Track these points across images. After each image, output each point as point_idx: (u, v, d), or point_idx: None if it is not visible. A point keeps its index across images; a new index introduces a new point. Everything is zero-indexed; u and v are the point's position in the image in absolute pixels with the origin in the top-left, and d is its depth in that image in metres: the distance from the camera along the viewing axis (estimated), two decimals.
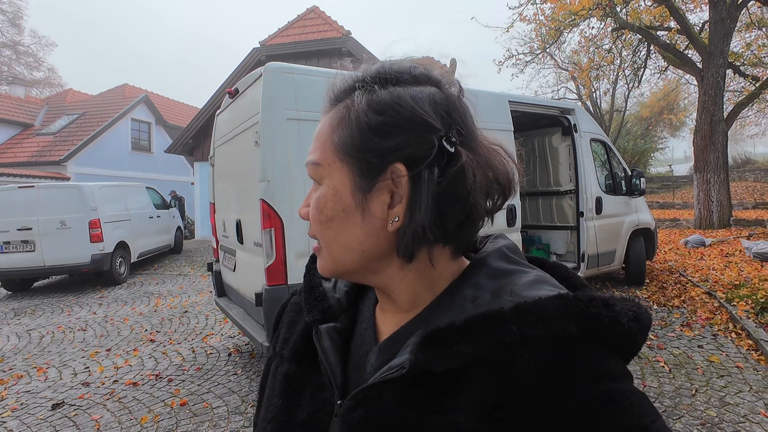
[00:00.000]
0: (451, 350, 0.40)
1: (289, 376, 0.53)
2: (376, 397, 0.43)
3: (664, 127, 24.09)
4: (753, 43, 11.68)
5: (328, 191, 0.46)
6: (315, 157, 0.47)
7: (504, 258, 0.48)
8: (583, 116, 5.38)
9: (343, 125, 0.45)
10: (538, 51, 14.07)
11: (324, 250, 0.48)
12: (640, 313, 0.42)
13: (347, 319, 0.54)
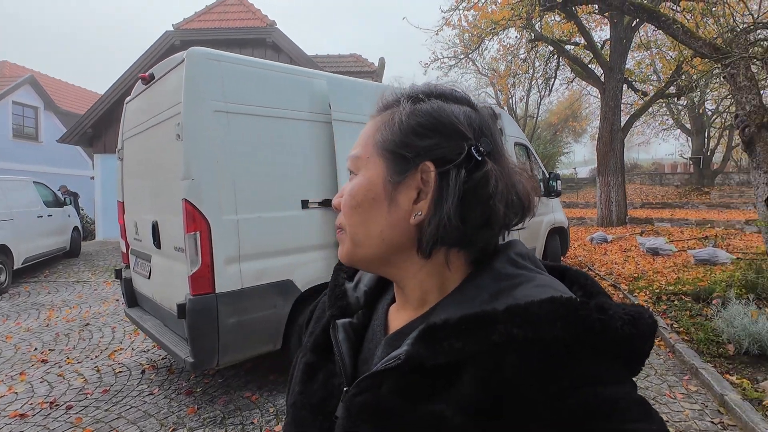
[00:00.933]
0: (443, 345, 0.42)
1: (308, 364, 0.58)
2: (376, 386, 0.46)
3: (569, 133, 26.55)
4: (642, 62, 13.24)
5: (362, 180, 0.51)
6: (357, 151, 0.53)
7: (511, 262, 0.50)
8: (508, 120, 5.64)
9: (386, 126, 0.52)
10: (461, 56, 14.65)
11: (347, 236, 0.52)
12: (638, 318, 0.42)
13: (363, 317, 0.58)
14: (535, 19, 10.25)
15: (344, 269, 0.65)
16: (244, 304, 2.82)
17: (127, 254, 3.92)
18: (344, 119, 3.31)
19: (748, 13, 6.59)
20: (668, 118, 20.57)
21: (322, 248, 3.27)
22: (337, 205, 0.54)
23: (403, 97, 0.52)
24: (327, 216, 3.28)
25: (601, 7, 6.54)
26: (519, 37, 12.64)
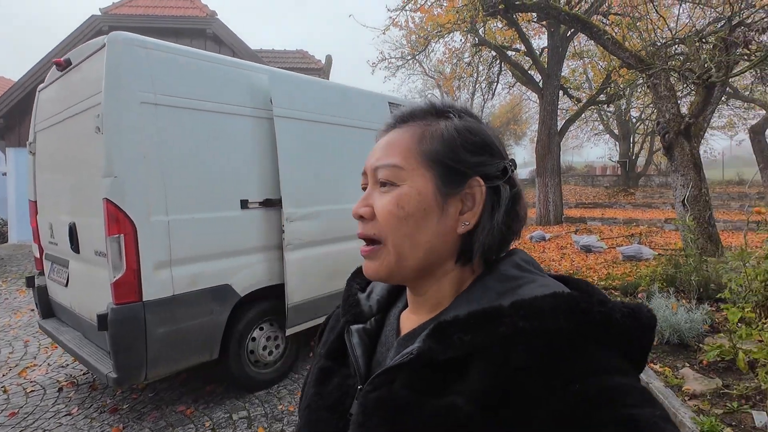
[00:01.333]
0: (453, 339, 0.45)
1: (323, 369, 0.61)
2: (390, 382, 0.48)
3: (510, 135, 27.72)
4: (576, 71, 14.07)
5: (411, 191, 0.51)
6: (396, 161, 0.52)
7: (515, 266, 0.53)
8: None
9: (433, 138, 0.53)
10: (408, 57, 14.78)
11: (389, 249, 0.52)
12: (638, 311, 0.44)
13: (376, 324, 0.61)
14: (479, 24, 10.56)
15: (357, 280, 0.68)
16: (176, 312, 2.61)
17: (40, 259, 3.53)
18: (287, 116, 3.18)
19: (667, 29, 7.18)
20: (599, 124, 22.09)
21: (263, 251, 3.11)
22: (365, 215, 0.53)
23: (450, 111, 0.55)
24: (269, 217, 3.13)
25: (540, 15, 6.84)
26: (464, 41, 12.97)
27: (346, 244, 3.70)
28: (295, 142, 3.25)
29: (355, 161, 3.88)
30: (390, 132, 0.56)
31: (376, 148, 0.56)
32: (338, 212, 3.63)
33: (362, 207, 0.54)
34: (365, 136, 4.01)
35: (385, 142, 0.55)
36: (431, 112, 0.55)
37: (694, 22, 8.34)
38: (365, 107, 4.10)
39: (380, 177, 0.53)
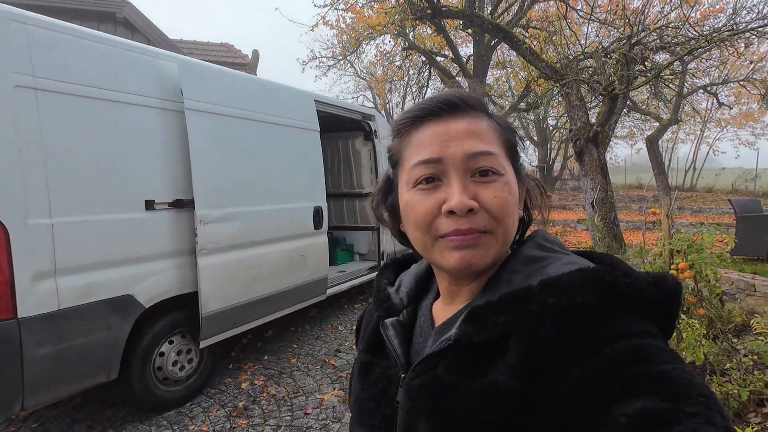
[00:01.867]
0: (487, 322, 0.48)
1: (364, 363, 0.64)
2: (431, 368, 0.52)
3: None
4: (499, 79, 14.85)
5: (511, 179, 0.54)
6: (494, 150, 0.53)
7: (538, 247, 0.55)
8: (382, 123, 5.72)
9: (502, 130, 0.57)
10: (339, 57, 14.66)
11: (498, 237, 0.52)
12: (662, 279, 0.45)
13: (408, 316, 0.63)
14: (408, 28, 10.73)
15: (386, 276, 0.70)
16: (62, 328, 2.27)
17: None
18: (200, 109, 2.93)
19: (578, 44, 7.79)
20: (520, 130, 23.49)
21: (173, 256, 2.83)
22: (475, 207, 0.51)
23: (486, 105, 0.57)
24: (180, 219, 2.86)
25: (465, 23, 7.07)
26: (394, 45, 13.13)
27: (268, 248, 3.50)
28: (210, 138, 3.00)
29: (280, 160, 3.69)
30: (450, 119, 0.54)
31: (451, 135, 0.52)
32: (260, 214, 3.43)
33: (470, 200, 0.51)
34: (291, 134, 3.84)
35: (466, 128, 0.53)
36: (479, 105, 0.56)
37: (601, 39, 9.13)
38: (291, 105, 3.93)
39: (483, 165, 0.52)
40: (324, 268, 4.19)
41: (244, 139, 3.32)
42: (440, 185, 0.52)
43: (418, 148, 0.53)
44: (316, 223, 4.04)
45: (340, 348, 3.95)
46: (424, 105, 0.55)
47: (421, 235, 0.53)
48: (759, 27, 5.35)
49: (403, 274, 0.69)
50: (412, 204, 0.53)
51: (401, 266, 0.73)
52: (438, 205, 0.51)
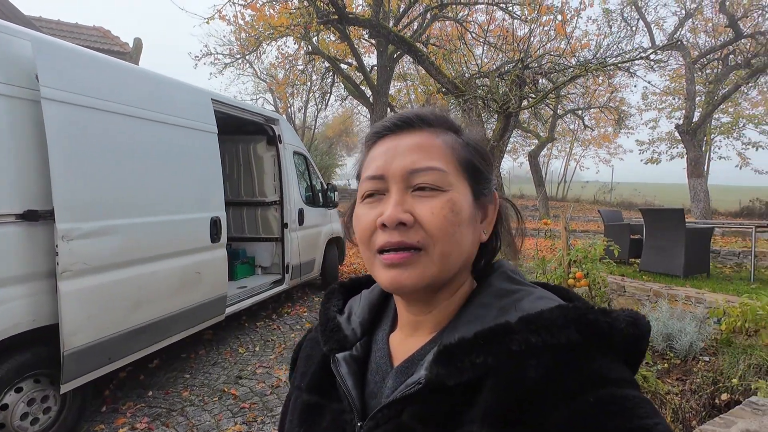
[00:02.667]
0: (464, 362, 0.44)
1: (309, 405, 0.56)
2: (396, 416, 0.46)
3: (343, 146, 28.67)
4: (401, 91, 15.34)
5: (460, 197, 0.51)
6: (440, 165, 0.50)
7: (507, 279, 0.53)
8: (287, 128, 5.42)
9: (462, 146, 0.53)
10: (238, 56, 13.82)
11: (432, 257, 0.48)
12: (637, 320, 0.45)
13: (362, 349, 0.56)
14: (313, 32, 10.51)
15: (333, 302, 0.63)
16: None
17: None
18: (63, 99, 2.40)
19: (474, 64, 8.34)
20: None
21: (21, 281, 2.26)
22: (409, 221, 0.48)
23: (459, 122, 0.56)
24: (33, 234, 2.30)
25: (371, 32, 7.10)
26: (297, 48, 12.77)
27: (156, 266, 3.02)
28: (77, 136, 2.48)
29: (170, 164, 3.22)
30: (403, 135, 0.53)
31: (398, 151, 0.51)
32: (145, 227, 2.94)
33: (403, 213, 0.49)
34: (183, 135, 3.39)
35: (413, 144, 0.52)
36: (442, 122, 0.54)
37: (492, 62, 9.91)
38: (184, 102, 3.48)
39: (421, 181, 0.50)
40: (222, 285, 3.76)
41: (124, 139, 2.82)
42: (383, 199, 0.51)
43: (370, 163, 0.53)
44: (214, 236, 3.61)
45: (242, 374, 3.57)
46: (384, 122, 0.55)
47: (364, 250, 0.52)
48: (620, 63, 6.23)
49: (352, 301, 0.63)
50: (358, 217, 0.52)
51: (349, 291, 0.66)
52: (376, 218, 0.50)
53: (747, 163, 15.21)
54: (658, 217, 5.74)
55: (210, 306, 3.61)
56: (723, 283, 5.17)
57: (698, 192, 12.36)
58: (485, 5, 9.67)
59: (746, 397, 2.36)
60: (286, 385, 3.33)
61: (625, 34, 11.48)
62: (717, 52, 12.56)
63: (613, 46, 9.43)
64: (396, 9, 10.78)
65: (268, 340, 4.31)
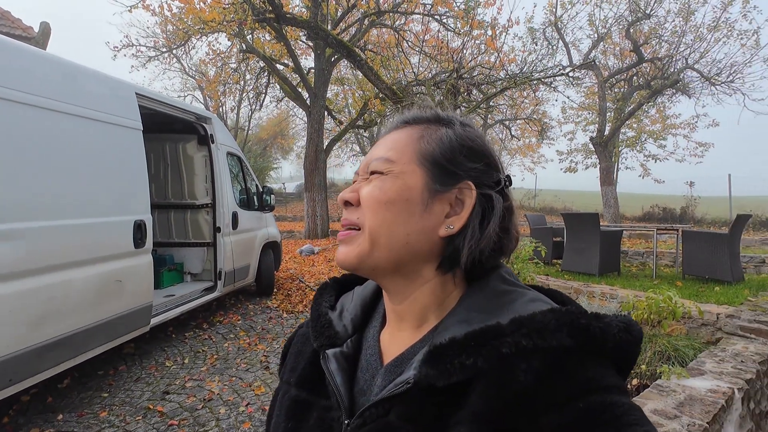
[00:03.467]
0: (453, 364, 0.43)
1: (297, 400, 0.57)
2: (383, 414, 0.46)
3: (278, 149, 27.94)
4: (338, 95, 15.30)
5: (398, 181, 0.52)
6: (389, 155, 0.53)
7: (501, 280, 0.52)
8: (220, 127, 5.18)
9: (431, 140, 0.54)
10: (164, 49, 12.97)
11: (364, 235, 0.51)
12: (630, 326, 0.45)
13: (353, 346, 0.56)
14: (247, 30, 10.16)
15: (325, 298, 0.63)
16: None
17: None
18: None
19: (411, 72, 8.55)
20: (356, 146, 24.70)
21: None
22: (352, 200, 0.53)
23: (454, 118, 0.57)
24: None
25: (310, 34, 7.01)
26: (231, 45, 12.27)
27: (69, 274, 2.73)
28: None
29: (87, 162, 2.93)
30: (391, 133, 0.57)
31: (374, 148, 0.56)
32: (56, 231, 2.65)
33: (349, 192, 0.53)
34: (104, 131, 3.12)
35: (384, 140, 0.56)
36: (435, 120, 0.56)
37: (428, 70, 10.22)
38: (104, 95, 3.19)
39: (373, 167, 0.53)
40: (147, 294, 3.48)
41: (30, 132, 2.52)
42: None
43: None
44: (138, 241, 3.34)
45: (169, 389, 3.32)
46: (391, 122, 0.59)
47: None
48: (544, 78, 6.72)
49: (344, 297, 0.63)
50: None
51: (342, 287, 0.66)
52: None
53: (648, 173, 17.08)
54: (577, 220, 6.24)
55: (133, 317, 3.32)
56: (631, 280, 5.74)
57: (609, 198, 13.64)
58: (421, 16, 9.98)
59: (653, 381, 2.63)
60: (220, 398, 3.16)
61: (547, 51, 12.43)
62: (624, 74, 14.01)
63: (537, 62, 10.17)
64: (334, 12, 10.75)
65: (199, 352, 4.06)
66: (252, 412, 2.96)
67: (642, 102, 13.59)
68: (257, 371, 3.63)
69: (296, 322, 4.96)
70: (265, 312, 5.33)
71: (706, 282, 5.45)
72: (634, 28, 12.69)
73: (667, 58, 12.65)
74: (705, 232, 6.11)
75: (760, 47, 12.06)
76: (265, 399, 3.14)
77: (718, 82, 12.50)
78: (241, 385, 3.36)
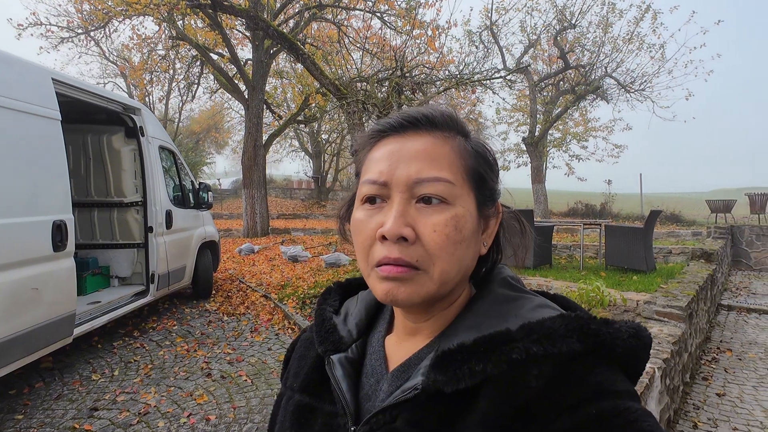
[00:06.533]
0: (462, 369, 0.43)
1: (301, 406, 0.56)
2: (390, 421, 0.45)
3: (212, 143, 26.53)
4: (277, 88, 14.84)
5: (465, 212, 0.48)
6: (448, 176, 0.48)
7: (508, 286, 0.51)
8: (151, 119, 4.81)
9: (470, 154, 0.50)
10: (79, 31, 11.78)
11: (432, 275, 0.47)
12: (639, 331, 0.45)
13: (357, 351, 0.55)
14: (178, 15, 9.52)
15: (329, 302, 0.62)
16: None
17: None
18: None
19: (354, 68, 8.49)
20: (296, 141, 24.14)
21: None
22: (411, 237, 0.46)
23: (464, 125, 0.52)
24: None
25: (248, 24, 6.72)
26: (158, 30, 11.43)
27: None
28: None
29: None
30: (408, 137, 0.50)
31: (402, 156, 0.48)
32: None
33: (404, 227, 0.45)
34: (10, 118, 2.77)
35: (420, 150, 0.48)
36: (451, 124, 0.51)
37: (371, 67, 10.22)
38: (12, 79, 2.83)
39: (426, 192, 0.47)
40: (69, 302, 3.15)
41: None
42: (384, 207, 0.48)
43: (372, 165, 0.50)
44: (57, 243, 3.00)
45: (98, 404, 3.03)
46: (388, 119, 0.52)
47: (361, 261, 0.50)
48: (482, 79, 6.98)
49: (348, 302, 0.62)
50: (357, 224, 0.50)
51: (346, 291, 0.65)
52: (376, 229, 0.47)
53: (572, 172, 18.44)
54: None
55: (53, 327, 2.99)
56: (561, 272, 6.16)
57: (539, 195, 14.54)
58: (362, 12, 9.94)
59: None
60: (157, 411, 2.94)
61: (483, 54, 12.94)
62: (552, 78, 14.97)
63: (475, 64, 10.55)
64: (273, 3, 10.39)
65: (130, 362, 3.75)
66: (195, 422, 2.79)
67: (568, 106, 14.62)
68: (198, 379, 3.43)
69: (238, 324, 4.75)
70: (203, 316, 5.05)
71: (625, 272, 6.00)
72: (560, 36, 13.59)
73: (589, 65, 13.70)
74: (624, 227, 6.71)
75: (665, 60, 13.45)
76: (208, 408, 2.98)
77: (632, 89, 13.77)
78: (181, 395, 3.15)
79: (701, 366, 3.95)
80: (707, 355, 4.20)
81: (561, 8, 13.35)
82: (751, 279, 7.57)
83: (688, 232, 11.15)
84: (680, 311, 3.63)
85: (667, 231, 11.56)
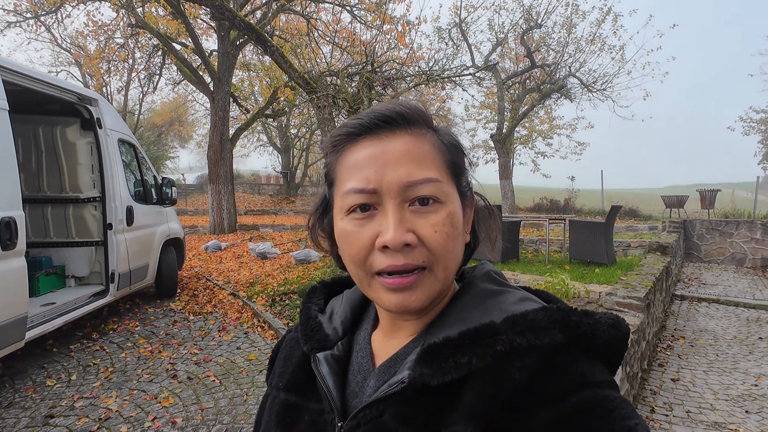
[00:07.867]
0: (448, 362, 0.43)
1: (286, 405, 0.55)
2: (377, 416, 0.46)
3: (175, 137, 25.59)
4: (244, 81, 14.46)
5: (455, 207, 0.49)
6: (436, 175, 0.48)
7: (491, 281, 0.52)
8: (109, 110, 4.58)
9: (447, 149, 0.50)
10: (28, 15, 11.06)
11: (437, 274, 0.47)
12: (618, 322, 0.46)
13: (343, 348, 0.55)
14: (137, 2, 9.10)
15: (315, 301, 0.62)
16: None
17: None
18: None
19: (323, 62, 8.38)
20: (264, 135, 23.64)
21: None
22: (414, 242, 0.46)
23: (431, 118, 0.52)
24: None
25: (214, 13, 6.49)
26: (116, 17, 10.89)
27: None
28: None
29: None
30: (386, 138, 0.48)
31: (387, 160, 0.47)
32: None
33: (406, 233, 0.45)
34: None
35: (403, 151, 0.47)
36: (422, 119, 0.50)
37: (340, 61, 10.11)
38: None
39: (419, 194, 0.46)
40: (21, 304, 2.97)
41: None
42: (375, 214, 0.47)
43: (353, 171, 0.48)
44: (6, 242, 2.82)
45: (54, 411, 2.87)
46: (359, 120, 0.49)
47: (356, 270, 0.49)
48: (452, 75, 7.04)
49: (333, 300, 0.62)
50: (346, 236, 0.48)
51: (331, 290, 0.65)
52: (372, 239, 0.46)
53: (538, 169, 18.96)
54: None
55: (3, 331, 2.81)
56: (528, 265, 6.33)
57: (507, 191, 14.87)
58: (332, 5, 9.81)
59: None
60: (119, 416, 2.82)
61: (453, 51, 13.06)
62: (519, 77, 15.29)
63: (444, 61, 10.64)
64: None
65: (89, 365, 3.57)
66: (160, 426, 2.69)
67: (534, 104, 14.99)
68: (163, 381, 3.31)
69: (205, 323, 4.62)
70: (168, 315, 4.87)
71: (588, 265, 6.23)
72: (527, 36, 13.89)
73: (554, 65, 14.09)
74: (586, 221, 6.96)
75: (625, 61, 14.01)
76: (174, 411, 2.88)
77: (594, 89, 14.28)
78: (145, 398, 3.03)
79: (657, 353, 4.16)
80: (663, 343, 4.43)
81: (527, 8, 13.65)
82: (702, 270, 8.02)
83: (645, 226, 11.69)
84: (639, 302, 3.80)
85: (626, 225, 12.08)
